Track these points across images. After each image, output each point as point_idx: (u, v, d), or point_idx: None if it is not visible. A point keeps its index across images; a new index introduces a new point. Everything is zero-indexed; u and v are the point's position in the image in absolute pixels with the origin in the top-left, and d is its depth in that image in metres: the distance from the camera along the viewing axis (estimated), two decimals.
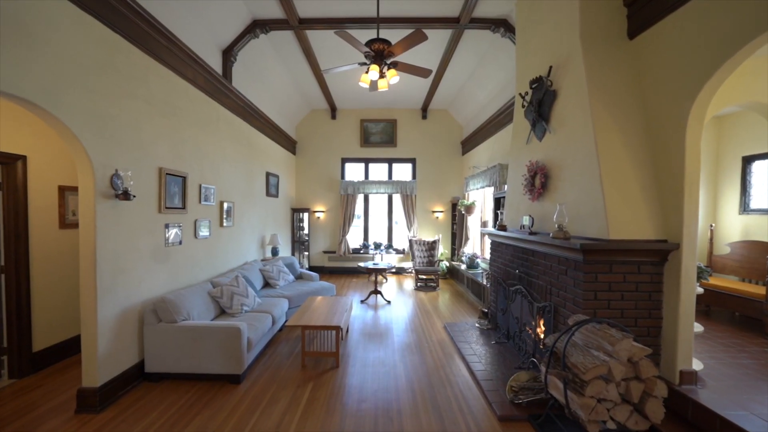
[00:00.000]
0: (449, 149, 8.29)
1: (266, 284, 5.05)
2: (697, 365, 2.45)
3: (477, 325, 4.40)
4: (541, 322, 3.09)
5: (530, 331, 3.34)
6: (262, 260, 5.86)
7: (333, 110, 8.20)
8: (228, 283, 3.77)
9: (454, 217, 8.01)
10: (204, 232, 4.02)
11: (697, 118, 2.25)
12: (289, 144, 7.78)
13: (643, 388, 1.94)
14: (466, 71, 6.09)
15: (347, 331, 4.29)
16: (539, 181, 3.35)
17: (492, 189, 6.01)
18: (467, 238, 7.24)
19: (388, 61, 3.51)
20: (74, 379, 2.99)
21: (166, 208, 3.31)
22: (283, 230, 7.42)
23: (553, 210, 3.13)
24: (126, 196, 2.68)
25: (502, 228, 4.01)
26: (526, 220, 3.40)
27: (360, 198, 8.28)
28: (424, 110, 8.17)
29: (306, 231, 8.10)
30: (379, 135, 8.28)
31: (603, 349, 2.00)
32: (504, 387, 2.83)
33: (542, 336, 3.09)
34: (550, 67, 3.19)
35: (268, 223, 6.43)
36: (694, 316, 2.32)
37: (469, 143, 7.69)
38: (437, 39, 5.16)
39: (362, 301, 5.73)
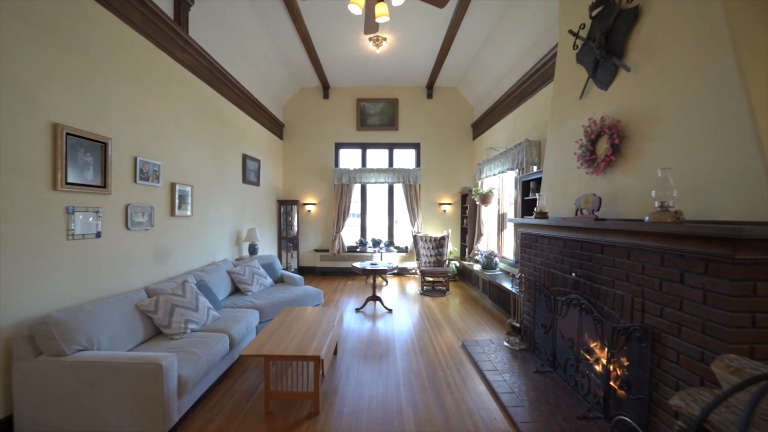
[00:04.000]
0: (458, 133, 7.25)
1: (237, 290, 4.03)
2: None
3: (506, 343, 3.37)
4: (605, 349, 2.06)
5: (593, 360, 2.32)
6: (237, 260, 4.84)
7: (326, 88, 7.16)
8: (169, 291, 2.74)
9: (464, 209, 6.98)
10: (142, 221, 2.99)
11: None
12: (275, 126, 6.75)
13: None
14: (481, 35, 5.05)
15: (336, 352, 3.27)
16: (607, 146, 2.32)
17: (514, 173, 4.99)
18: (480, 234, 6.21)
19: None
20: None
21: (68, 183, 2.28)
22: (267, 225, 6.39)
23: (634, 184, 2.11)
24: None
25: (542, 215, 2.99)
26: (587, 202, 2.38)
27: (357, 188, 7.25)
28: (430, 88, 7.14)
29: (295, 227, 7.07)
30: (378, 116, 7.25)
31: None
32: None
33: (618, 370, 2.06)
34: None
35: (246, 215, 5.40)
36: None
37: (481, 125, 6.66)
38: None
39: (358, 310, 4.70)
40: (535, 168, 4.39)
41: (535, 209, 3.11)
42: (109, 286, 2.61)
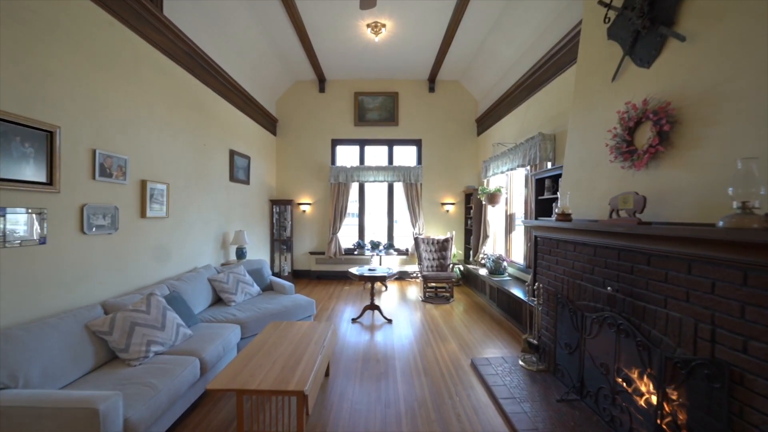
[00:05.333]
0: (462, 128, 6.85)
1: (219, 300, 3.62)
2: None
3: (521, 363, 2.97)
4: (652, 381, 1.66)
5: (633, 391, 1.92)
6: (223, 265, 4.44)
7: (321, 81, 6.76)
8: (130, 307, 2.33)
9: (468, 210, 6.58)
10: (103, 224, 2.58)
11: None
12: (267, 122, 6.34)
13: None
14: (488, 21, 4.64)
15: (327, 374, 2.86)
16: (651, 134, 1.92)
17: (525, 171, 4.58)
18: (486, 236, 5.81)
19: None
20: None
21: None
22: (258, 227, 5.98)
23: (690, 180, 1.71)
24: None
25: (564, 218, 2.59)
26: (626, 202, 1.97)
27: (354, 187, 6.84)
28: (431, 81, 6.73)
29: (289, 228, 6.65)
30: (377, 111, 6.84)
31: None
32: None
33: (666, 406, 1.66)
34: None
35: (234, 216, 4.99)
36: None
37: (487, 119, 6.26)
38: None
39: (354, 320, 4.30)
40: (549, 164, 3.99)
41: (555, 210, 2.71)
42: (54, 302, 2.19)
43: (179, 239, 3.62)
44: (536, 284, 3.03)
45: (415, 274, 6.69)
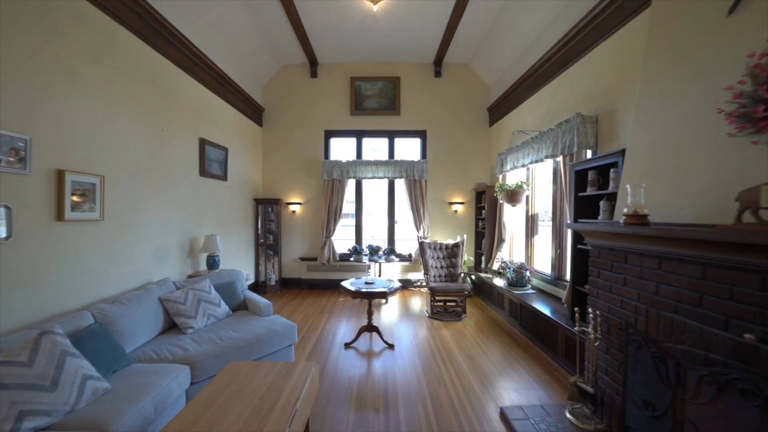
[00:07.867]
0: (472, 118, 6.06)
1: (175, 325, 2.83)
2: None
3: (569, 416, 2.19)
4: None
5: None
6: (189, 277, 3.66)
7: (313, 65, 5.97)
8: (1, 358, 1.55)
9: (479, 210, 5.80)
10: None
11: None
12: (251, 110, 5.56)
13: None
14: None
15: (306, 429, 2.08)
16: None
17: (553, 162, 3.80)
18: (502, 240, 5.03)
19: None
20: None
21: None
22: (239, 229, 5.20)
23: None
24: None
25: (637, 220, 1.81)
26: None
27: (351, 184, 6.05)
28: (438, 64, 5.95)
29: (277, 231, 5.86)
30: (376, 99, 6.05)
31: None
32: None
33: None
34: None
35: (205, 217, 4.20)
36: None
37: (501, 107, 5.48)
38: None
39: (348, 345, 3.51)
40: (589, 153, 3.22)
41: (624, 211, 1.92)
42: None
43: (123, 247, 2.83)
44: (589, 310, 2.25)
45: (419, 283, 5.91)
